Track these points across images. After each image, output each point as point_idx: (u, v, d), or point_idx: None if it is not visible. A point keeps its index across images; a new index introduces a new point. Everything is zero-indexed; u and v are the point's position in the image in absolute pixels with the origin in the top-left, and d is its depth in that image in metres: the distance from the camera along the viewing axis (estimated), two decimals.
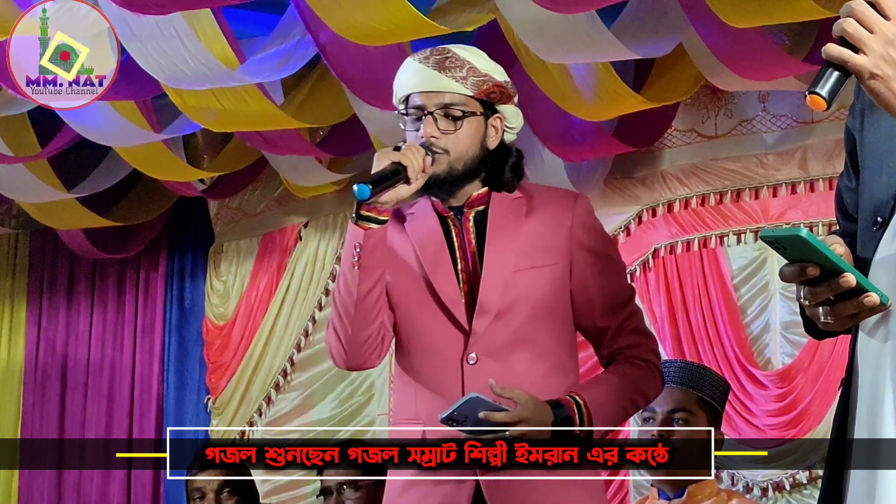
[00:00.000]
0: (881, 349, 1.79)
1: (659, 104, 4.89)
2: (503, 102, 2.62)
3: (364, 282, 2.50)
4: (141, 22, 4.41)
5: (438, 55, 2.59)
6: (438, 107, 2.56)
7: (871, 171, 1.88)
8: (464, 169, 2.57)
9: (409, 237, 2.62)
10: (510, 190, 2.62)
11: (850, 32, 1.68)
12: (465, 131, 2.56)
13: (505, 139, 2.64)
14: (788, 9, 4.04)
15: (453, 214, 2.62)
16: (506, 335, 2.53)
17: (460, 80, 2.56)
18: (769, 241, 1.72)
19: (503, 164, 2.62)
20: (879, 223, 1.83)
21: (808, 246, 1.69)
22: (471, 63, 2.58)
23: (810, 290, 1.74)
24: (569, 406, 2.46)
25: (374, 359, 2.59)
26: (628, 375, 2.58)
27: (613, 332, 2.60)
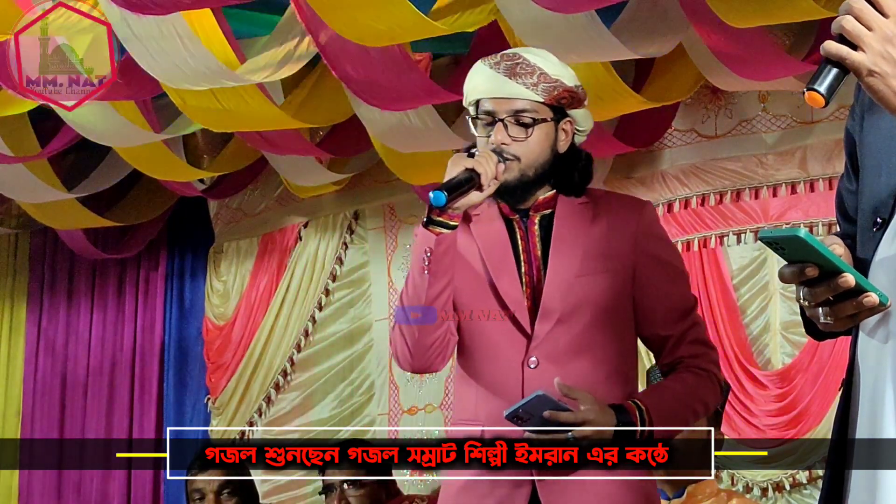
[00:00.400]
0: (882, 349, 1.79)
1: (659, 104, 4.89)
2: (574, 107, 2.62)
3: (433, 286, 2.51)
4: (141, 22, 4.41)
5: (509, 61, 2.59)
6: (509, 113, 2.56)
7: (871, 171, 1.88)
8: (535, 175, 2.58)
9: (474, 239, 2.63)
10: (578, 194, 2.62)
11: (849, 29, 1.69)
12: (535, 138, 2.57)
13: (575, 141, 2.65)
14: (788, 9, 4.03)
15: (519, 217, 2.62)
16: (567, 340, 2.53)
17: (531, 87, 2.56)
18: (768, 242, 1.72)
19: (573, 168, 2.62)
20: (879, 224, 1.83)
21: (806, 246, 1.69)
22: (542, 69, 2.58)
23: (810, 291, 1.74)
24: (631, 411, 2.47)
25: (440, 362, 2.60)
26: (689, 384, 2.58)
27: (675, 340, 2.60)
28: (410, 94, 4.80)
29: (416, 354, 2.56)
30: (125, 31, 4.45)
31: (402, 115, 5.11)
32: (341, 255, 6.53)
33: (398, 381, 6.26)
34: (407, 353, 2.57)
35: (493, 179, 2.48)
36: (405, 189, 6.10)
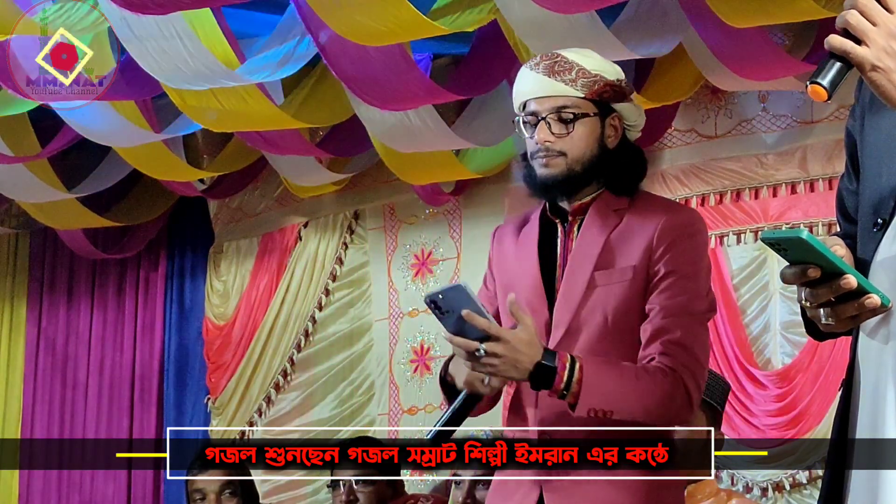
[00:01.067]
0: (882, 350, 1.79)
1: (659, 104, 4.89)
2: (618, 101, 2.62)
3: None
4: (141, 22, 4.41)
5: (548, 60, 2.61)
6: (551, 111, 2.57)
7: (872, 172, 1.88)
8: (582, 170, 2.57)
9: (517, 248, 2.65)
10: (630, 192, 2.60)
11: (853, 24, 1.68)
12: (579, 133, 2.57)
13: (629, 137, 2.64)
14: (788, 9, 4.04)
15: (560, 221, 2.62)
16: (576, 351, 2.50)
17: (570, 83, 2.58)
18: (770, 243, 1.72)
19: (623, 163, 2.61)
20: (880, 224, 1.83)
21: (808, 247, 1.68)
22: (580, 65, 2.60)
23: (811, 292, 1.74)
24: (562, 359, 2.40)
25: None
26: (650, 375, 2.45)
27: (649, 337, 2.49)
28: (410, 94, 4.80)
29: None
30: (125, 31, 4.45)
31: (402, 115, 5.11)
32: (341, 255, 6.53)
33: (398, 381, 6.26)
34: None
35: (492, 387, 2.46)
36: (405, 189, 6.10)
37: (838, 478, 1.85)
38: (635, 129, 2.66)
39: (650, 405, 2.43)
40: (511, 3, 4.20)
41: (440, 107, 5.18)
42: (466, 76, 5.09)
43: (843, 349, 4.73)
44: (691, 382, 2.46)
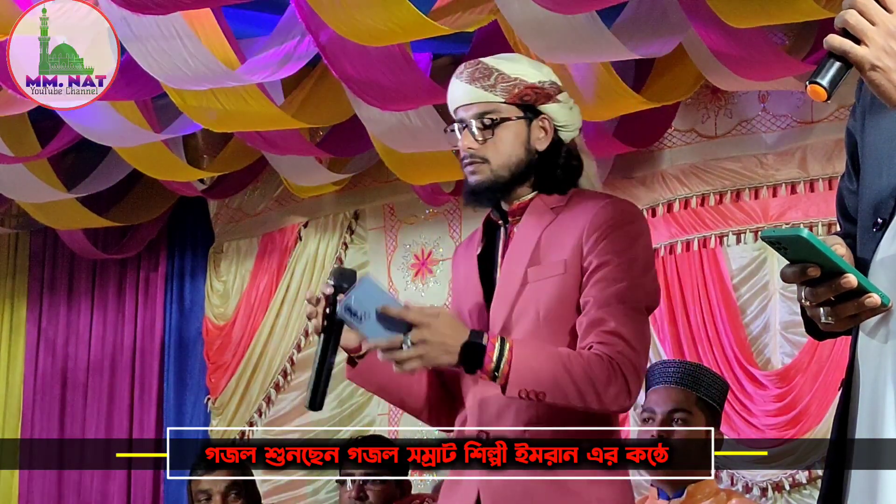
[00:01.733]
0: (882, 349, 1.79)
1: (659, 104, 4.89)
2: (543, 103, 2.62)
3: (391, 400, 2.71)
4: (141, 22, 4.41)
5: (470, 67, 2.63)
6: (474, 117, 2.60)
7: (872, 171, 1.88)
8: (509, 174, 2.58)
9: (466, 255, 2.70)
10: (561, 192, 2.61)
11: (852, 24, 1.69)
12: (501, 138, 2.58)
13: (562, 138, 2.63)
14: (788, 9, 4.04)
15: (503, 223, 2.64)
16: None
17: (489, 89, 2.59)
18: (770, 242, 1.72)
19: (554, 165, 2.62)
20: (880, 224, 1.83)
21: (808, 246, 1.69)
22: (499, 70, 2.60)
23: (811, 291, 1.74)
24: (490, 341, 2.37)
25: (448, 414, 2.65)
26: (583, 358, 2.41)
27: (584, 329, 2.47)
28: (410, 94, 4.80)
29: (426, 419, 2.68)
30: (125, 30, 4.45)
31: (402, 115, 5.11)
32: (341, 255, 6.53)
33: None
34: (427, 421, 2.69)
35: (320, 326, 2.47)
36: (405, 189, 6.10)
37: (838, 478, 1.85)
38: (568, 128, 2.64)
39: (585, 390, 2.38)
40: (511, 3, 4.20)
41: (440, 107, 5.18)
42: None
43: (842, 349, 4.73)
44: (629, 370, 2.41)
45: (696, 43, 4.52)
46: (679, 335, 5.31)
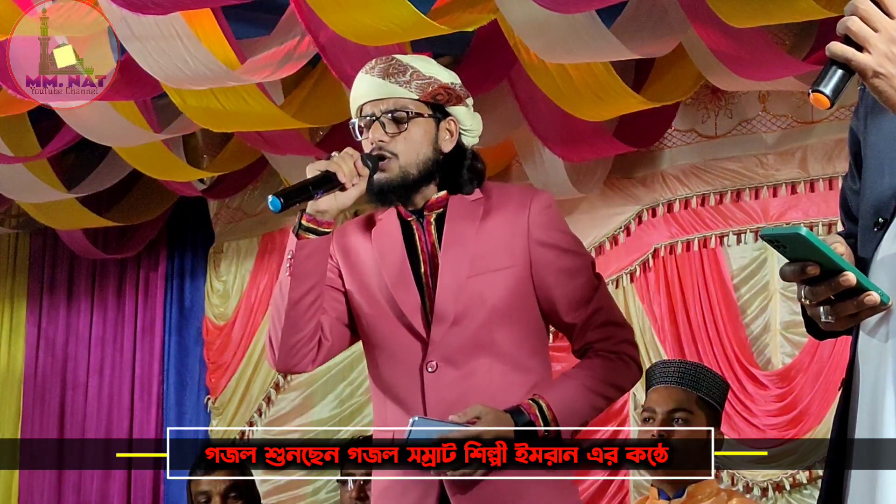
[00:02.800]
0: (882, 349, 1.79)
1: (659, 104, 4.89)
2: (453, 104, 2.62)
3: (295, 289, 2.53)
4: (141, 22, 4.41)
5: (384, 63, 2.64)
6: (384, 112, 2.59)
7: (874, 171, 1.88)
8: (417, 172, 2.58)
9: (372, 244, 2.64)
10: (468, 192, 2.62)
11: (855, 31, 1.67)
12: (412, 134, 2.58)
13: (464, 142, 2.64)
14: (788, 9, 4.04)
15: (415, 218, 2.62)
16: (462, 341, 2.52)
17: (404, 85, 2.60)
18: (769, 240, 1.72)
19: (459, 166, 2.61)
20: (881, 224, 1.83)
21: (807, 244, 1.68)
22: (414, 67, 2.61)
23: (811, 290, 1.74)
24: (530, 411, 2.45)
25: (307, 364, 2.61)
26: (596, 369, 2.55)
27: (580, 328, 2.58)
28: None
29: (279, 354, 2.57)
30: (125, 30, 4.45)
31: None
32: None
33: None
34: (271, 352, 2.59)
35: (357, 177, 2.49)
36: None
37: (838, 478, 1.85)
38: (471, 133, 2.65)
39: (612, 395, 2.57)
40: (511, 3, 4.20)
41: None
42: (466, 76, 5.07)
43: (843, 349, 4.73)
44: (632, 349, 2.60)
45: (696, 43, 4.52)
46: (679, 335, 5.31)
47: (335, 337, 2.63)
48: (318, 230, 2.52)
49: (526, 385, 2.52)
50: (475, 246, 2.56)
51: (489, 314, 2.52)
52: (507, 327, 2.53)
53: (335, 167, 2.49)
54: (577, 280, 2.58)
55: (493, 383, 2.50)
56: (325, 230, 2.52)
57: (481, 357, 2.53)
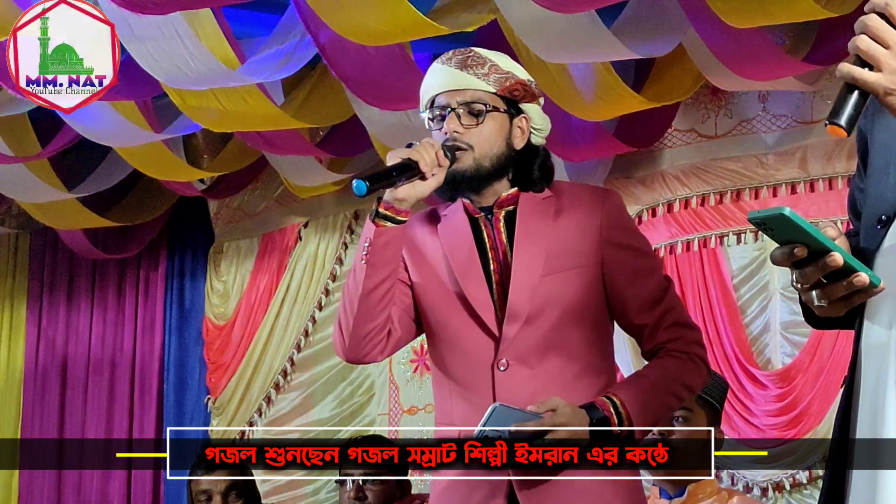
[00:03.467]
0: (885, 347, 1.78)
1: (659, 104, 4.89)
2: (528, 101, 2.61)
3: (370, 277, 2.51)
4: (141, 22, 4.41)
5: (461, 55, 2.60)
6: (461, 103, 2.56)
7: (879, 169, 1.87)
8: (490, 166, 2.55)
9: (440, 239, 2.62)
10: (539, 190, 2.60)
11: (864, 49, 1.62)
12: (488, 127, 2.56)
13: (532, 141, 2.62)
14: (788, 9, 4.04)
15: (483, 215, 2.60)
16: (535, 340, 2.51)
17: (482, 77, 2.57)
18: (756, 223, 1.71)
19: (531, 163, 2.60)
20: (884, 221, 1.82)
21: (792, 225, 1.68)
22: (493, 61, 2.59)
23: (800, 273, 1.72)
24: (604, 407, 2.44)
25: (377, 354, 2.58)
26: (668, 368, 2.54)
27: (651, 328, 2.57)
28: (410, 94, 4.79)
29: (350, 344, 2.55)
30: (125, 31, 4.45)
31: (402, 115, 5.11)
32: (341, 255, 6.53)
33: (398, 381, 6.26)
34: (342, 341, 2.56)
35: (437, 167, 2.46)
36: None
37: (839, 478, 1.84)
38: (540, 133, 2.64)
39: (683, 395, 2.59)
40: (511, 3, 4.20)
41: None
42: None
43: (843, 349, 4.73)
44: (702, 351, 2.60)
45: (696, 43, 4.52)
46: None
47: (403, 328, 2.60)
48: (395, 218, 2.48)
49: (596, 386, 2.52)
50: (548, 244, 2.55)
51: (562, 314, 2.52)
52: (578, 328, 2.53)
53: (418, 156, 2.43)
54: (648, 281, 2.57)
55: (565, 384, 2.49)
56: (402, 219, 2.48)
57: (553, 357, 2.52)
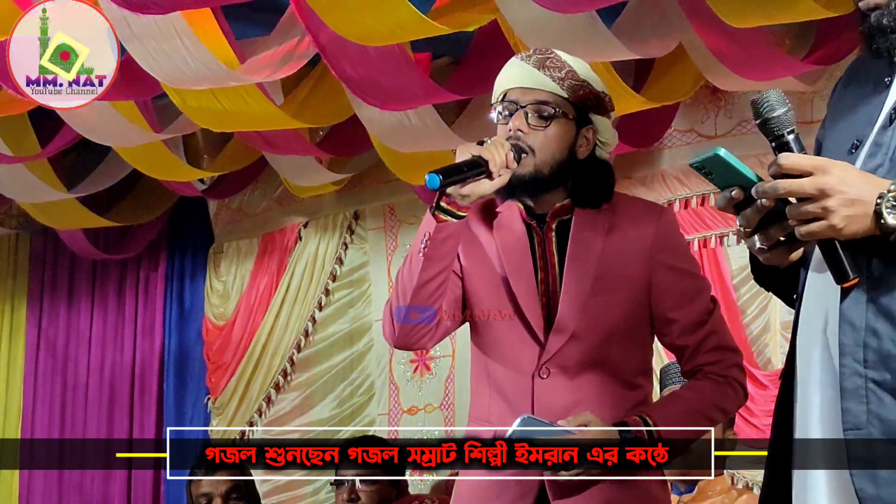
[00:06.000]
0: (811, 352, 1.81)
1: (659, 104, 4.89)
2: (598, 113, 2.59)
3: (426, 270, 2.49)
4: (141, 22, 4.41)
5: (541, 54, 2.59)
6: (531, 103, 2.55)
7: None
8: (550, 173, 2.54)
9: (494, 237, 2.61)
10: (595, 206, 2.59)
11: (805, 211, 1.69)
12: (553, 132, 2.54)
13: (597, 154, 2.61)
14: (788, 9, 4.03)
15: (536, 224, 2.60)
16: (579, 354, 2.52)
17: (557, 81, 2.55)
18: (697, 168, 1.74)
19: (591, 177, 2.59)
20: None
21: (727, 166, 1.71)
22: (571, 67, 2.57)
23: (743, 216, 1.76)
24: (635, 425, 2.45)
25: (426, 342, 2.60)
26: (705, 392, 2.56)
27: (692, 350, 2.58)
28: (410, 94, 4.80)
29: (400, 332, 2.56)
30: (125, 30, 4.45)
31: (402, 115, 5.11)
32: (341, 255, 6.53)
33: (398, 381, 6.26)
34: (392, 329, 2.57)
35: (505, 168, 2.43)
36: (405, 189, 6.10)
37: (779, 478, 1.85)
38: (606, 147, 2.63)
39: (717, 418, 2.58)
40: (511, 3, 4.20)
41: (440, 107, 5.18)
42: (466, 76, 5.09)
43: None
44: (741, 374, 2.61)
45: (696, 43, 4.52)
46: None
47: (451, 318, 2.61)
48: (456, 213, 2.46)
49: (634, 401, 2.54)
50: (599, 263, 2.54)
51: (607, 333, 2.53)
52: (621, 345, 2.54)
53: (489, 155, 2.42)
54: (693, 303, 2.58)
55: (604, 396, 2.51)
56: (462, 214, 2.47)
57: (594, 370, 2.53)
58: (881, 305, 1.70)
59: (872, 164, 1.77)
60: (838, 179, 1.66)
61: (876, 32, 1.78)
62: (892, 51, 1.79)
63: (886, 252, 1.70)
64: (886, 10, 1.78)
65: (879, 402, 1.69)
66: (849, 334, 1.72)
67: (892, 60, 1.80)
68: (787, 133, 1.76)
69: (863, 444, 1.68)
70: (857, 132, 1.82)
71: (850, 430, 1.70)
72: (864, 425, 1.69)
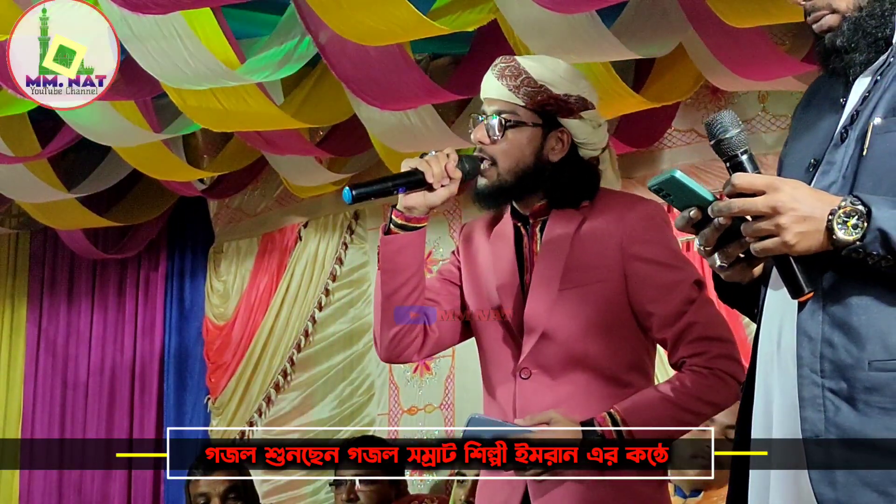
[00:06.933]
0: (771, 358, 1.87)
1: (659, 104, 4.89)
2: (565, 116, 2.58)
3: (387, 283, 2.53)
4: (141, 22, 4.41)
5: (504, 63, 2.62)
6: (493, 113, 2.57)
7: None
8: (515, 180, 2.55)
9: (490, 242, 2.64)
10: (574, 206, 2.58)
11: (758, 228, 1.73)
12: (513, 140, 2.55)
13: (582, 154, 2.60)
14: (788, 9, 4.02)
15: (522, 224, 2.61)
16: (555, 353, 2.52)
17: (513, 89, 2.56)
18: (655, 191, 1.78)
19: (565, 178, 2.58)
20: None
21: (682, 187, 1.74)
22: (528, 73, 2.57)
23: (702, 236, 1.79)
24: (602, 423, 2.43)
25: (411, 354, 2.62)
26: (683, 383, 2.51)
27: (672, 343, 2.55)
28: (410, 94, 4.80)
29: (381, 346, 2.60)
30: (125, 30, 4.45)
31: (402, 115, 5.11)
32: (341, 255, 6.53)
33: (398, 381, 6.26)
34: (376, 343, 2.62)
35: (448, 178, 2.46)
36: None
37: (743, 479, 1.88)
38: (589, 146, 2.61)
39: (704, 411, 2.51)
40: (511, 3, 4.20)
41: (440, 107, 5.18)
42: (466, 76, 5.09)
43: None
44: (728, 365, 2.53)
45: (696, 43, 4.52)
46: None
47: (444, 329, 2.63)
48: (408, 226, 2.50)
49: (622, 398, 2.51)
50: (569, 257, 2.53)
51: (582, 328, 2.51)
52: (600, 340, 2.52)
53: (425, 167, 2.46)
54: (671, 295, 2.54)
55: (590, 395, 2.50)
56: (416, 226, 2.50)
57: (576, 368, 2.52)
58: (836, 317, 1.76)
59: (826, 181, 1.82)
60: (789, 197, 1.70)
61: (831, 53, 1.84)
62: (847, 70, 1.83)
63: (839, 266, 1.75)
64: (839, 31, 1.83)
65: (836, 410, 1.75)
66: (805, 346, 1.78)
67: (848, 80, 1.84)
68: (741, 153, 1.79)
69: (821, 449, 1.74)
70: (813, 151, 1.87)
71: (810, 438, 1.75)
72: (823, 433, 1.74)
